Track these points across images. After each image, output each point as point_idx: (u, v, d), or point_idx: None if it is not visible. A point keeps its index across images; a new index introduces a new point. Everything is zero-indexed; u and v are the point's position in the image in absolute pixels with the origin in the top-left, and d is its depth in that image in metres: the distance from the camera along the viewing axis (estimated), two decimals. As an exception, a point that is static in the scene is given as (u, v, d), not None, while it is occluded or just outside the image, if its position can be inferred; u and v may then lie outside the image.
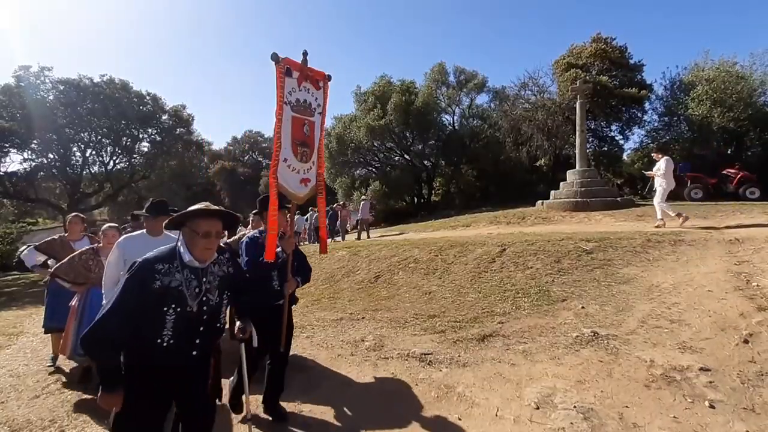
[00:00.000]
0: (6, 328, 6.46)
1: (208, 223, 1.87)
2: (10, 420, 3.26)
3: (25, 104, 18.71)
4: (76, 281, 3.77)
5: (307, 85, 3.13)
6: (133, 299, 1.72)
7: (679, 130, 18.16)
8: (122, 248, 3.05)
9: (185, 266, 1.86)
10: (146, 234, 3.19)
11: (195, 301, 1.85)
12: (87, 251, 3.86)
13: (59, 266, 3.80)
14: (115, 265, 3.02)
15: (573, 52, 19.51)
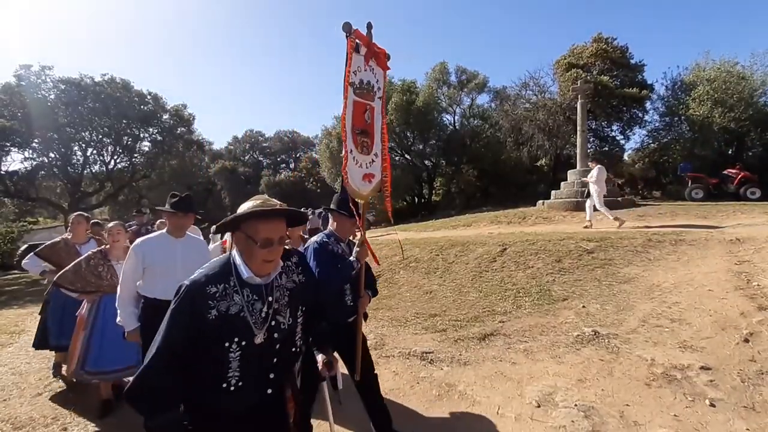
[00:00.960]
0: (8, 327, 6.48)
1: (270, 227, 1.40)
2: (13, 417, 3.28)
3: (26, 103, 18.71)
4: (85, 290, 3.27)
5: (373, 64, 2.70)
6: (184, 337, 1.34)
7: (680, 130, 18.12)
8: (140, 253, 2.68)
9: (244, 284, 1.42)
10: (167, 235, 2.77)
11: (262, 329, 1.43)
12: (95, 255, 3.33)
13: (63, 274, 3.25)
14: (132, 274, 2.69)
15: (574, 52, 19.49)
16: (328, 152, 22.92)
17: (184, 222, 2.78)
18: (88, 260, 3.29)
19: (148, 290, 2.71)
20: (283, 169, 41.30)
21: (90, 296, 3.29)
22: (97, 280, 3.25)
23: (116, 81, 21.37)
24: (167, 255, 2.68)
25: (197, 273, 1.44)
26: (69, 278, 3.23)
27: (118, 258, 3.29)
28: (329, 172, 23.68)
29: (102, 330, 3.18)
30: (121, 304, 2.72)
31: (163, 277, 2.63)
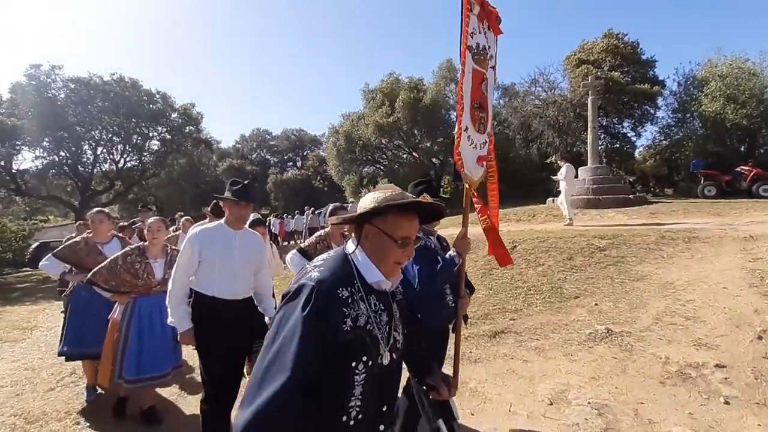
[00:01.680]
0: (20, 323, 6.58)
1: (410, 224, 1.18)
2: (26, 412, 3.32)
3: (37, 102, 18.98)
4: (119, 290, 2.98)
5: (485, 26, 2.31)
6: (320, 355, 1.02)
7: (692, 126, 17.83)
8: (197, 244, 2.37)
9: (370, 290, 1.17)
10: (225, 226, 2.48)
11: (387, 347, 1.16)
12: (132, 252, 3.00)
13: (98, 271, 2.93)
14: (186, 268, 2.38)
15: (584, 48, 19.27)
16: (335, 150, 22.94)
17: (245, 212, 2.49)
18: (125, 257, 2.96)
19: (203, 286, 2.41)
20: (291, 167, 41.50)
21: (123, 297, 3.00)
22: (133, 279, 2.95)
23: (125, 80, 21.60)
24: (225, 248, 2.42)
25: (317, 270, 1.14)
26: (104, 276, 2.93)
27: (156, 256, 3.04)
28: (336, 170, 23.72)
29: (138, 333, 2.92)
30: (172, 302, 2.39)
31: (220, 273, 2.38)
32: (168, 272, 2.91)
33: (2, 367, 4.44)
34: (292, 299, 1.08)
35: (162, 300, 2.90)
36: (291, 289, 1.11)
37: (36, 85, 19.47)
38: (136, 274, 2.95)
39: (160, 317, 2.90)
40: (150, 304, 3.00)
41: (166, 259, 3.06)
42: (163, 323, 2.86)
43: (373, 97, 22.76)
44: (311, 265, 1.19)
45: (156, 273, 3.01)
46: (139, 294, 2.99)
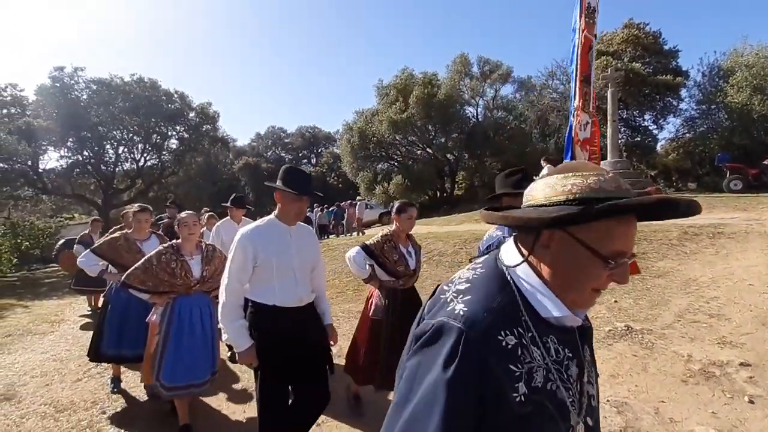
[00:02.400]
0: (48, 316, 6.83)
1: (630, 231, 0.74)
2: (55, 401, 3.45)
3: (61, 104, 19.57)
4: (157, 290, 2.77)
5: None
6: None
7: (717, 118, 17.22)
8: (251, 245, 2.02)
9: (548, 329, 0.77)
10: (278, 222, 2.13)
11: (581, 414, 0.79)
12: (167, 250, 2.79)
13: (133, 272, 2.73)
14: (240, 273, 2.03)
15: (603, 39, 18.77)
16: (349, 147, 23.00)
17: (302, 206, 2.13)
18: (159, 256, 2.75)
19: (260, 295, 2.07)
20: (305, 164, 41.79)
21: (161, 298, 2.80)
22: (171, 278, 2.73)
23: (144, 81, 22.08)
24: (283, 248, 2.09)
25: (461, 299, 0.75)
26: (139, 277, 2.73)
27: (192, 252, 2.84)
28: (350, 166, 23.78)
29: (177, 337, 2.72)
30: (226, 317, 2.01)
31: (279, 278, 2.06)
32: (206, 269, 2.83)
33: (32, 358, 4.63)
34: (429, 344, 0.72)
35: (202, 300, 2.85)
36: (426, 328, 0.74)
37: (60, 87, 20.07)
38: (173, 273, 2.73)
39: (201, 318, 2.80)
40: (189, 305, 2.80)
41: (202, 256, 2.87)
42: (204, 325, 2.80)
43: (386, 93, 22.71)
44: (451, 290, 0.79)
45: (193, 271, 2.79)
46: (178, 294, 2.80)
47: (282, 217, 2.14)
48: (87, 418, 3.14)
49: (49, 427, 3.05)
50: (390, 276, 2.78)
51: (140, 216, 3.39)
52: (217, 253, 2.96)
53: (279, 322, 2.07)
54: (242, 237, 2.04)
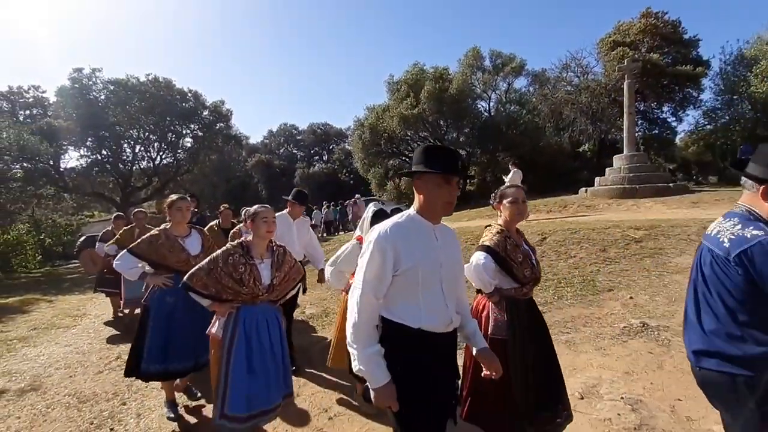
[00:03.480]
0: (71, 311, 7.05)
1: None
2: (78, 392, 3.58)
3: (80, 104, 20.07)
4: (220, 297, 2.33)
5: None
6: None
7: (740, 109, 16.67)
8: (393, 247, 1.52)
9: None
10: (420, 219, 1.59)
11: None
12: (235, 251, 2.34)
13: (196, 273, 2.30)
14: (377, 287, 1.52)
15: (620, 30, 18.34)
16: (360, 143, 23.02)
17: (452, 192, 1.57)
18: (227, 257, 2.30)
19: (402, 313, 1.55)
20: (317, 161, 42.05)
21: (224, 306, 2.35)
22: (236, 285, 2.28)
23: (159, 80, 22.44)
24: (430, 253, 1.58)
25: None
26: (202, 279, 2.29)
27: (263, 255, 2.41)
28: (362, 163, 23.82)
29: (246, 354, 2.29)
30: (360, 339, 1.52)
31: (426, 291, 1.56)
32: (276, 275, 2.40)
33: (56, 351, 4.80)
34: None
35: (269, 311, 2.44)
36: None
37: (79, 88, 20.57)
38: (240, 279, 2.27)
39: (269, 332, 2.39)
40: (255, 316, 2.36)
41: (273, 260, 2.44)
42: (273, 339, 2.39)
43: (397, 88, 22.62)
44: None
45: (263, 277, 2.35)
46: (243, 303, 2.36)
47: (426, 210, 1.59)
48: (108, 409, 3.24)
49: (73, 416, 3.16)
50: (516, 283, 2.18)
51: (180, 204, 2.94)
52: (287, 256, 2.54)
53: (422, 351, 1.56)
54: (381, 237, 1.52)
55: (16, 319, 6.53)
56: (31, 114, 22.50)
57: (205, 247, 3.05)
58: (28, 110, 22.66)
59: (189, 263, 2.77)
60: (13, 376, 4.05)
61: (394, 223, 1.58)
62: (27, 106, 22.60)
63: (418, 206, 1.61)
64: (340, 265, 2.86)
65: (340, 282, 2.93)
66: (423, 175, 1.57)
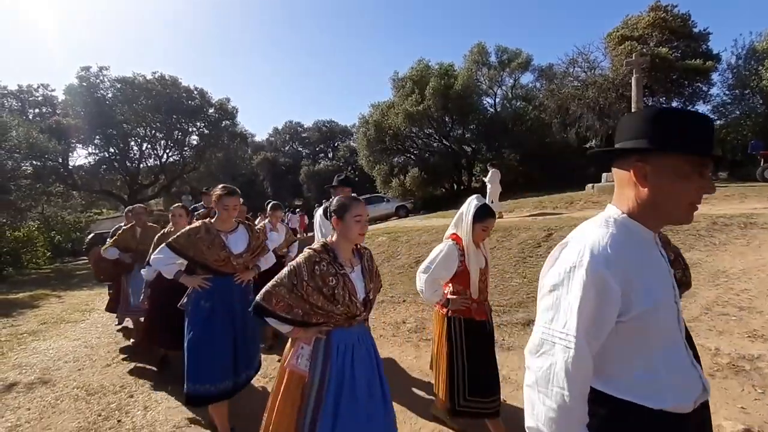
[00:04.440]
0: (80, 306, 7.15)
1: None
2: (87, 385, 3.63)
3: (88, 102, 20.28)
4: (308, 321, 1.73)
5: None
6: None
7: (751, 104, 16.40)
8: (618, 276, 0.90)
9: None
10: (638, 227, 0.98)
11: None
12: (319, 256, 1.72)
13: (274, 290, 1.69)
14: (595, 329, 0.90)
15: (628, 24, 18.07)
16: (365, 141, 22.98)
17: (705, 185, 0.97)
18: (312, 266, 1.68)
19: (631, 386, 0.96)
20: (322, 158, 42.05)
21: (309, 333, 1.74)
22: (328, 303, 1.69)
23: (165, 78, 22.59)
24: (667, 281, 1.01)
25: None
26: (284, 299, 1.67)
27: (352, 262, 1.81)
28: (367, 160, 23.77)
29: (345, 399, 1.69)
30: (573, 421, 0.92)
31: (666, 348, 0.98)
32: (369, 286, 1.80)
33: (66, 344, 4.87)
34: None
35: (364, 333, 1.85)
36: None
37: (87, 86, 20.78)
38: (332, 295, 1.67)
39: (370, 363, 1.81)
40: (351, 342, 1.76)
41: (363, 265, 1.84)
42: (372, 371, 1.80)
43: (402, 85, 22.53)
44: None
45: (357, 290, 1.74)
46: (335, 326, 1.75)
47: (648, 214, 0.98)
48: (116, 401, 3.28)
49: (82, 408, 3.20)
50: None
51: (228, 202, 2.51)
52: (374, 262, 1.96)
53: None
54: (598, 259, 0.91)
55: (27, 314, 6.64)
56: (40, 112, 22.80)
57: (252, 246, 2.70)
58: (38, 108, 22.96)
59: (228, 263, 2.53)
60: (24, 368, 4.12)
61: (612, 238, 0.95)
62: (36, 105, 22.90)
63: (634, 206, 0.99)
64: (436, 271, 2.29)
65: (435, 293, 2.33)
66: (653, 157, 0.95)
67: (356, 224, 1.73)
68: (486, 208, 2.35)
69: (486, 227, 2.33)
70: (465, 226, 2.32)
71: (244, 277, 2.67)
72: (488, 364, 2.38)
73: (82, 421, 3.01)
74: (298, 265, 1.70)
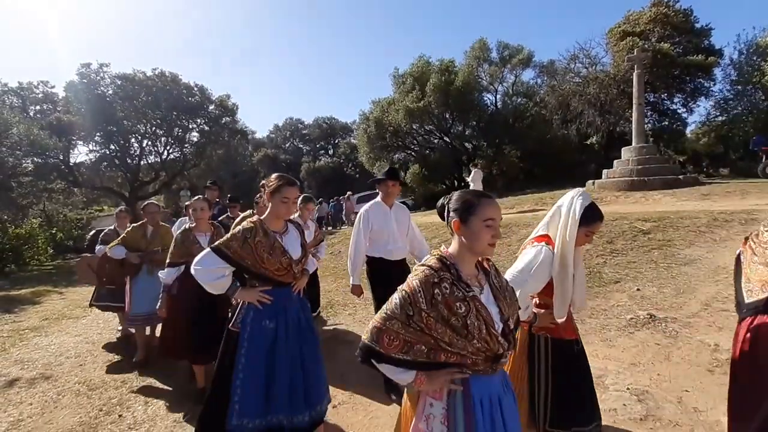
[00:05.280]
0: (81, 302, 7.16)
1: None
2: (88, 380, 3.65)
3: (88, 99, 20.23)
4: (431, 358, 1.25)
5: None
6: None
7: (753, 99, 16.33)
8: None
9: None
10: None
11: None
12: (438, 275, 1.25)
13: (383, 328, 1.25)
14: None
15: (630, 19, 18.00)
16: (366, 137, 22.96)
17: None
18: (431, 290, 1.23)
19: None
20: (323, 155, 42.03)
21: (438, 380, 1.27)
22: (458, 338, 1.22)
23: (165, 75, 22.52)
24: None
25: None
26: (399, 336, 1.24)
27: (479, 280, 1.35)
28: (367, 156, 23.77)
29: None
30: None
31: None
32: (506, 312, 1.30)
33: (67, 340, 4.89)
34: None
35: (507, 382, 1.38)
36: None
37: (87, 83, 20.72)
38: (465, 326, 1.21)
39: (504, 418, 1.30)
40: (496, 394, 1.30)
41: (493, 284, 1.35)
42: None
43: (403, 81, 22.46)
44: None
45: (494, 319, 1.26)
46: (474, 373, 1.26)
47: None
48: (117, 396, 3.30)
49: (83, 403, 3.22)
50: None
51: (289, 193, 2.05)
52: (503, 277, 1.46)
53: None
54: None
55: (28, 310, 6.67)
56: (41, 109, 22.75)
57: (304, 246, 2.27)
58: (38, 105, 22.90)
59: (290, 271, 2.08)
60: (26, 364, 4.14)
61: None
62: (37, 102, 22.84)
63: None
64: (531, 282, 1.80)
65: (527, 310, 1.87)
66: None
67: (487, 230, 1.25)
68: (595, 208, 1.86)
69: (592, 232, 1.88)
70: (569, 228, 1.82)
71: (300, 285, 2.25)
72: (579, 390, 1.94)
73: (84, 415, 3.03)
74: (413, 291, 1.24)
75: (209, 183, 5.89)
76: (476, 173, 10.48)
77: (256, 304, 2.04)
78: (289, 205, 2.09)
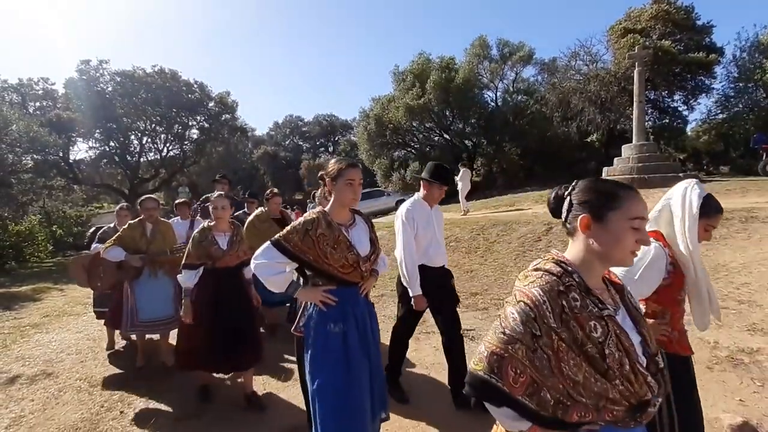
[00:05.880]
0: (82, 299, 7.17)
1: None
2: (89, 376, 3.66)
3: (88, 96, 20.19)
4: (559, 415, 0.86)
5: None
6: None
7: (754, 97, 16.30)
8: None
9: None
10: None
11: None
12: (563, 283, 0.92)
13: (507, 347, 0.88)
14: None
15: (631, 17, 17.92)
16: (366, 135, 22.90)
17: None
18: (559, 306, 0.89)
19: None
20: (323, 152, 41.94)
21: None
22: (598, 377, 0.87)
23: (165, 71, 22.46)
24: None
25: None
26: (525, 369, 0.87)
27: (614, 300, 1.03)
28: (367, 154, 23.71)
29: None
30: None
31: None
32: (650, 345, 0.98)
33: (68, 337, 4.90)
34: None
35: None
36: None
37: (86, 79, 20.67)
38: (601, 356, 0.87)
39: None
40: None
41: (629, 305, 1.04)
42: None
43: (403, 79, 22.39)
44: None
45: (636, 346, 0.94)
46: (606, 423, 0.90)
47: None
48: (118, 393, 3.31)
49: (84, 399, 3.24)
50: None
51: (353, 175, 1.84)
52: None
53: None
54: None
55: (29, 307, 6.68)
56: (41, 106, 22.70)
57: (374, 241, 2.00)
58: (38, 102, 22.85)
59: (357, 269, 1.84)
60: (27, 361, 4.15)
61: None
62: (37, 98, 22.79)
63: None
64: (638, 284, 1.52)
65: None
66: None
67: (632, 233, 0.95)
68: (713, 199, 1.63)
69: (713, 226, 1.65)
70: (687, 223, 1.56)
71: (368, 287, 1.98)
72: (700, 415, 1.70)
73: (85, 412, 3.04)
74: (535, 302, 0.91)
75: (219, 176, 5.55)
76: (465, 172, 10.53)
77: (319, 304, 1.83)
78: (356, 188, 1.85)
